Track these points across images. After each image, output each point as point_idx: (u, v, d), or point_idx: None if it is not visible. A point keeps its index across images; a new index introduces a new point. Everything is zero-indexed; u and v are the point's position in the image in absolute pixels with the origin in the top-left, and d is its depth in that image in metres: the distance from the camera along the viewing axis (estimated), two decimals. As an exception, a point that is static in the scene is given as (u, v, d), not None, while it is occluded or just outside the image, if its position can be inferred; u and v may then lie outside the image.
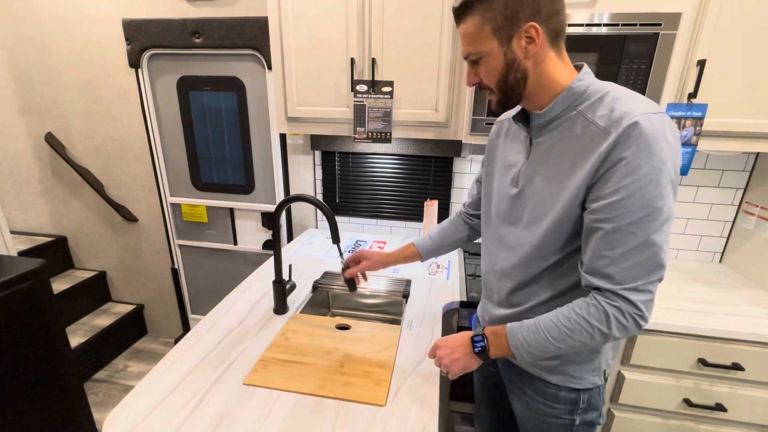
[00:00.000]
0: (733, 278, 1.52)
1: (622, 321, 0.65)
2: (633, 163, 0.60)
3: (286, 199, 1.10)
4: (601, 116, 0.65)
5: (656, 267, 0.64)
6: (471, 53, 0.72)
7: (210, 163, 2.07)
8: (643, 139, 0.60)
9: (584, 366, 0.81)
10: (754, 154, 1.51)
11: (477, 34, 0.69)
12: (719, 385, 1.22)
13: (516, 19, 0.65)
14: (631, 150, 0.60)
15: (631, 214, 0.62)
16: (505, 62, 0.69)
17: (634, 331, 0.67)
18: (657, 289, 0.65)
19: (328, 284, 1.42)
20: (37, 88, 2.09)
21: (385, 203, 1.91)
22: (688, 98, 1.20)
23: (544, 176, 0.73)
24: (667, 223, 0.63)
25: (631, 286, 0.64)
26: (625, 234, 0.63)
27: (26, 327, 1.32)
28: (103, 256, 2.44)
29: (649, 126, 0.60)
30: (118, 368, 2.27)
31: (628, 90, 0.68)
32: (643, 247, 0.62)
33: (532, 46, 0.66)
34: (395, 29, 1.35)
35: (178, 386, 0.88)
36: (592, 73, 0.72)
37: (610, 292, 0.65)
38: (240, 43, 1.76)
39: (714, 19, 1.13)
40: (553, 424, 0.85)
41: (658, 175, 0.60)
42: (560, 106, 0.71)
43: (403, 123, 1.46)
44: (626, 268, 0.64)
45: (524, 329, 0.73)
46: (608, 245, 0.64)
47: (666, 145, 0.60)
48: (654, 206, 0.61)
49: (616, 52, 1.16)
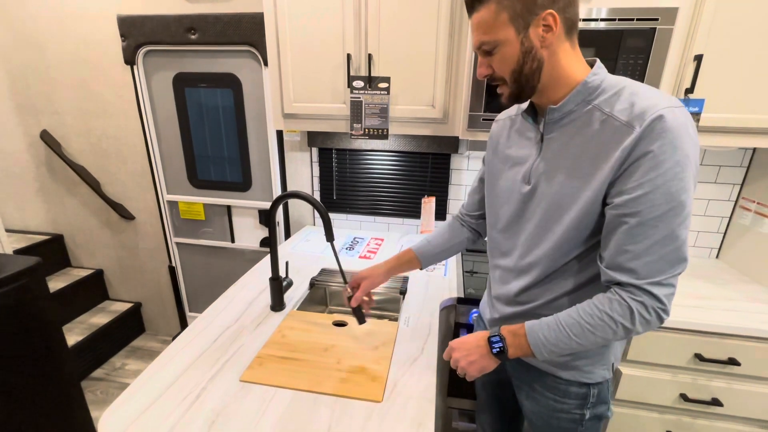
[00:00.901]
0: (730, 274, 1.52)
1: (645, 316, 0.65)
2: (659, 157, 0.60)
3: (281, 195, 1.09)
4: (622, 110, 0.64)
5: (679, 260, 0.64)
6: (485, 42, 0.69)
7: (207, 161, 2.06)
8: (668, 133, 0.60)
9: (595, 360, 0.80)
10: (751, 149, 1.51)
11: (493, 21, 0.67)
12: (716, 380, 1.23)
13: (534, 5, 0.64)
14: (656, 144, 0.60)
15: (656, 208, 0.61)
16: (522, 51, 0.67)
17: (656, 325, 0.67)
18: (677, 282, 0.65)
19: (325, 281, 1.42)
20: (32, 86, 2.08)
21: (383, 200, 1.91)
22: (685, 93, 1.20)
23: (562, 173, 0.72)
24: (689, 217, 0.63)
25: (654, 280, 0.64)
26: (650, 228, 0.62)
27: (23, 326, 1.31)
28: (100, 254, 2.43)
29: (674, 120, 0.60)
30: (115, 366, 2.27)
31: (643, 84, 0.67)
32: (667, 241, 0.62)
33: (550, 35, 0.65)
34: (392, 25, 1.34)
35: (174, 383, 0.88)
36: (605, 68, 0.71)
37: (633, 286, 0.65)
38: (236, 39, 1.75)
39: (711, 14, 1.13)
40: (563, 419, 0.85)
41: (683, 169, 0.60)
42: (575, 101, 0.69)
43: (400, 119, 1.45)
44: (650, 262, 0.63)
45: (544, 327, 0.72)
46: (632, 240, 0.64)
47: (689, 140, 0.61)
48: (678, 200, 0.61)
49: (613, 47, 1.16)
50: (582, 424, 0.85)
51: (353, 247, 1.72)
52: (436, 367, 0.96)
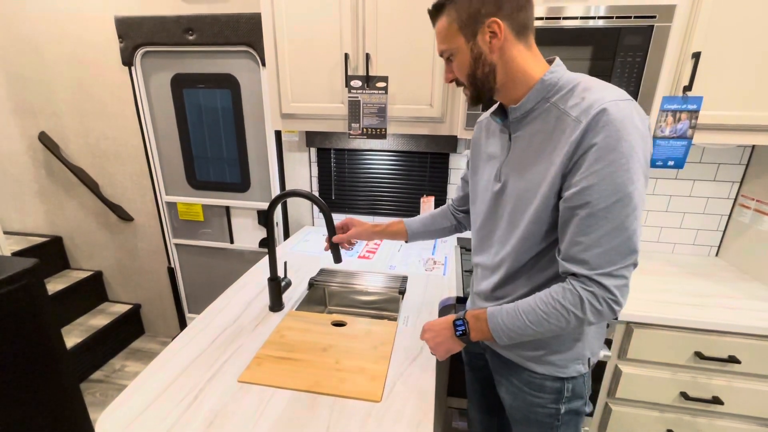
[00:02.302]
0: (730, 272, 1.52)
1: (596, 305, 0.67)
2: (603, 149, 0.62)
3: (280, 194, 1.09)
4: (573, 106, 0.67)
5: (629, 252, 0.65)
6: (444, 50, 0.76)
7: (205, 161, 2.06)
8: (612, 125, 0.61)
9: (568, 354, 0.82)
10: (750, 147, 1.50)
11: (447, 31, 0.73)
12: (716, 378, 1.22)
13: (478, 14, 0.69)
14: (600, 136, 0.62)
15: (603, 199, 0.63)
16: (472, 57, 0.72)
17: (609, 316, 0.69)
18: (631, 274, 0.67)
19: (324, 281, 1.41)
20: (30, 87, 2.08)
21: (382, 200, 1.91)
22: (683, 91, 1.20)
23: (526, 169, 0.75)
24: (638, 208, 0.64)
25: (605, 271, 0.66)
26: (599, 219, 0.64)
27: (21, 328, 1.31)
28: (98, 255, 2.43)
29: (617, 112, 0.62)
30: (115, 368, 2.26)
31: (599, 80, 0.70)
32: (616, 233, 0.64)
33: (495, 41, 0.70)
34: (389, 24, 1.34)
35: (172, 384, 0.88)
36: (563, 66, 0.74)
37: (585, 277, 0.67)
38: (234, 39, 1.75)
39: (708, 11, 1.13)
40: (540, 413, 0.87)
41: (628, 160, 0.62)
42: (534, 99, 0.72)
43: (398, 118, 1.45)
44: (600, 253, 0.65)
45: (503, 313, 0.76)
46: (583, 231, 0.66)
47: (635, 131, 0.62)
48: (625, 191, 0.62)
49: (612, 45, 1.16)
50: (558, 419, 0.86)
51: (352, 247, 1.72)
52: (435, 367, 0.96)
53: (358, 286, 1.39)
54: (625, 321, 1.22)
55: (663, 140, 1.25)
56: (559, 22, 1.16)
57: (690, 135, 1.24)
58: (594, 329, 0.83)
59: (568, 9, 1.15)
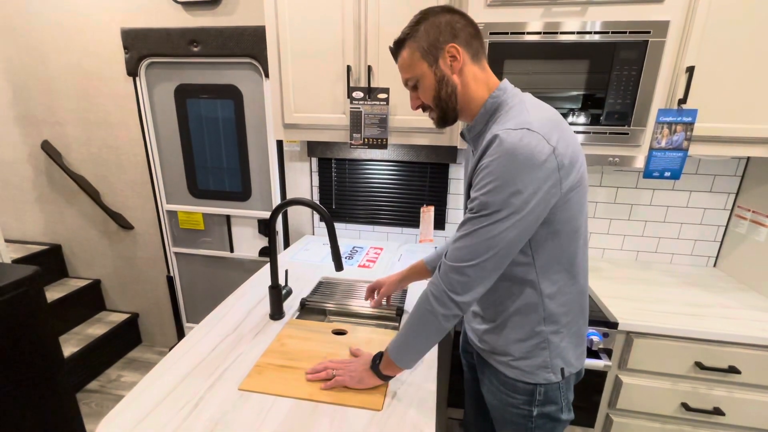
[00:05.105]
0: (728, 282, 1.53)
1: (435, 294, 0.76)
2: (488, 169, 0.70)
3: (283, 202, 1.10)
4: (494, 130, 0.73)
5: (479, 254, 0.72)
6: (409, 79, 0.83)
7: (207, 171, 2.07)
8: (498, 151, 0.68)
9: (534, 361, 0.84)
10: (745, 158, 1.53)
11: (410, 60, 0.81)
12: (717, 389, 1.22)
13: (437, 42, 0.77)
14: (488, 159, 0.70)
15: (477, 207, 0.72)
16: (436, 79, 0.79)
17: (452, 308, 0.75)
18: (475, 276, 0.73)
19: (319, 302, 1.34)
20: (34, 96, 2.10)
21: (382, 209, 1.92)
22: (678, 104, 1.23)
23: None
24: (500, 224, 0.70)
25: (453, 264, 0.74)
26: (466, 222, 0.74)
27: (19, 335, 1.30)
28: (97, 264, 2.42)
29: (507, 141, 0.68)
30: (111, 378, 2.24)
31: (526, 105, 0.74)
32: (473, 236, 0.72)
33: (456, 63, 0.78)
34: (390, 37, 1.35)
35: (171, 392, 0.87)
36: (508, 88, 0.79)
37: (438, 270, 0.77)
38: (237, 51, 1.78)
39: (701, 27, 1.16)
40: (514, 413, 0.88)
41: (502, 186, 0.68)
42: (482, 121, 0.80)
43: (399, 129, 1.47)
44: (456, 248, 0.74)
45: (395, 337, 0.84)
46: (457, 232, 0.76)
47: (518, 160, 0.67)
48: (491, 209, 0.70)
49: (608, 59, 1.19)
50: (532, 421, 0.87)
51: (352, 256, 1.72)
52: (436, 376, 0.96)
53: (353, 308, 1.35)
54: (626, 330, 1.23)
55: (659, 152, 1.27)
56: (556, 36, 1.19)
57: (686, 147, 1.26)
58: (567, 340, 0.84)
59: (565, 24, 1.18)
